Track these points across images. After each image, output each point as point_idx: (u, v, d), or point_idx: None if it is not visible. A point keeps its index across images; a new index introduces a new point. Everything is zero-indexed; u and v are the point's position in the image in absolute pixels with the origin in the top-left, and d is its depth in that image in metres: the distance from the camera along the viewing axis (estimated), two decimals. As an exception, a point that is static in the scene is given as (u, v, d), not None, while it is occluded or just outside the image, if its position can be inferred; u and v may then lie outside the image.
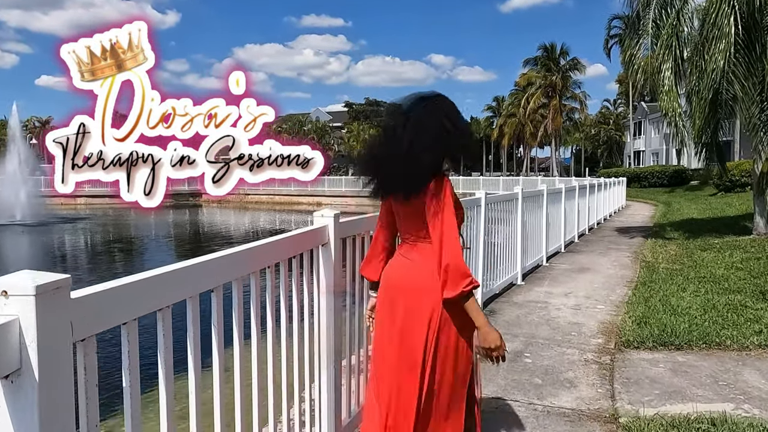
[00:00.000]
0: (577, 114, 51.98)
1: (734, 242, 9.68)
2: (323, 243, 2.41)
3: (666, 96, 10.09)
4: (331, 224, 2.41)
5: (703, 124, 9.54)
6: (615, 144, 56.89)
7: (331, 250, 2.43)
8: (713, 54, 8.85)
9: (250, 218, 33.19)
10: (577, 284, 7.04)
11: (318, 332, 2.42)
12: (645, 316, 5.17)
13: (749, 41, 8.73)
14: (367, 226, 2.80)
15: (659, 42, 10.25)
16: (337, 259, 2.47)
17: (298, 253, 2.22)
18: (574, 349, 4.50)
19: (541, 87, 48.32)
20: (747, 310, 5.24)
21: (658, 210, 20.33)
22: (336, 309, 2.50)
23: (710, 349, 4.34)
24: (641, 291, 6.42)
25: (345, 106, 67.98)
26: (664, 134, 44.45)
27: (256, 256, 1.90)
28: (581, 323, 5.25)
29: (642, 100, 50.81)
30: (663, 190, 30.95)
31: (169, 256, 17.67)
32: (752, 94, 8.84)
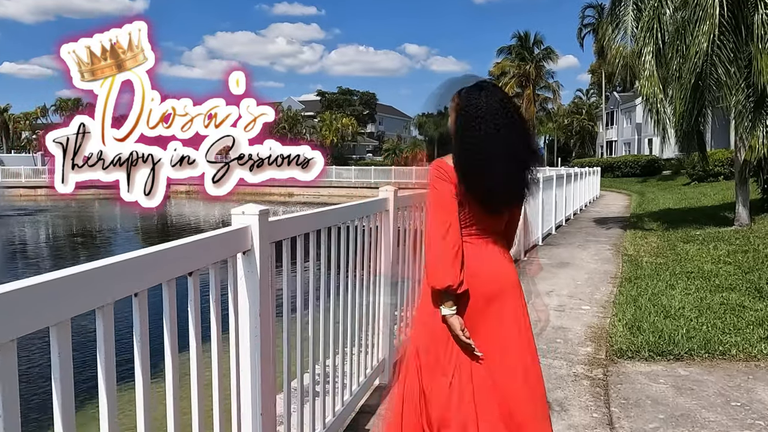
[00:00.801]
0: (550, 104, 51.88)
1: (716, 234, 9.31)
2: (245, 250, 1.82)
3: (647, 81, 9.63)
4: (255, 224, 1.84)
5: (684, 110, 9.11)
6: (587, 134, 57.06)
7: (255, 259, 1.83)
8: (696, 36, 8.39)
9: (220, 210, 32.19)
10: (558, 281, 6.52)
11: (237, 373, 1.82)
12: (636, 320, 4.65)
13: (735, 22, 8.29)
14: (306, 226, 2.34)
15: (640, 25, 9.78)
16: (264, 271, 1.86)
17: (204, 266, 1.64)
18: (561, 360, 3.95)
19: (515, 76, 48.00)
20: (746, 311, 4.77)
21: (633, 200, 20.11)
22: (264, 336, 1.88)
23: (714, 359, 3.83)
24: (627, 289, 5.93)
25: (317, 95, 66.82)
26: (636, 124, 44.67)
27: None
28: (567, 327, 4.71)
29: (614, 90, 50.99)
30: (636, 179, 30.94)
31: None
32: (737, 78, 8.43)
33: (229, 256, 1.76)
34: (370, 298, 3.29)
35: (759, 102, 8.79)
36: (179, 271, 1.49)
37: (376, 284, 3.34)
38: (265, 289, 1.88)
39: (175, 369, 1.46)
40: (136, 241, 19.72)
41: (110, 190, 1.94)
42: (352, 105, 63.43)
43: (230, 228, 1.78)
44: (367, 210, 3.12)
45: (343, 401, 2.84)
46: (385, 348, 3.52)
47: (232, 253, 1.77)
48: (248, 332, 1.83)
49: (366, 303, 3.20)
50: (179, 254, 1.49)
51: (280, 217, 2.08)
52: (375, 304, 3.39)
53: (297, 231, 2.20)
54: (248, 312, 1.82)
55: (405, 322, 3.98)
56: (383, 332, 3.49)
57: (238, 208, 1.85)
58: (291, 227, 2.15)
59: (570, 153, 59.63)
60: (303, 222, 2.28)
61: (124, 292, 1.26)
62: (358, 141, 59.12)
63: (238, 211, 1.84)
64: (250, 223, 1.82)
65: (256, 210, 1.84)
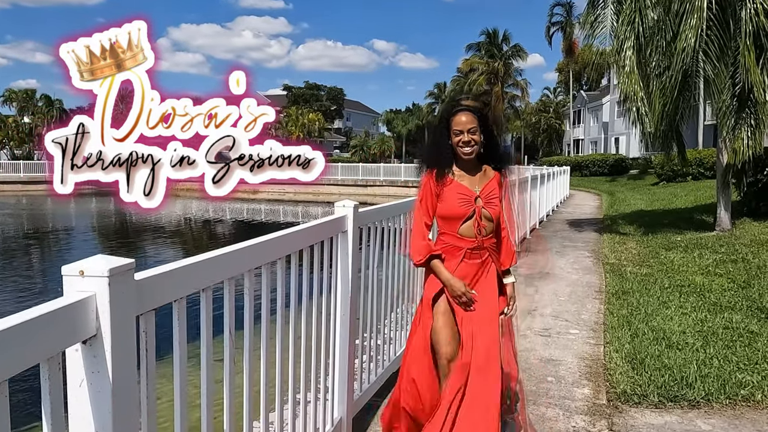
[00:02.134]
0: (518, 102, 51.76)
1: (698, 240, 8.85)
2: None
3: (627, 78, 9.10)
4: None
5: (666, 108, 8.61)
6: (555, 132, 57.23)
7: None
8: (683, 30, 7.87)
9: (182, 208, 30.83)
10: (540, 297, 5.89)
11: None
12: (636, 351, 4.02)
13: (722, 16, 7.80)
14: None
15: (621, 19, 9.24)
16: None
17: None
18: (556, 408, 3.28)
19: (483, 73, 47.65)
20: (758, 339, 4.19)
21: (604, 200, 19.83)
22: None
23: (736, 407, 3.21)
24: (617, 307, 5.33)
25: (284, 89, 65.46)
26: (603, 123, 44.94)
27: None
28: (557, 360, 4.05)
29: (581, 89, 51.25)
30: (604, 178, 30.86)
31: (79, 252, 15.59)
32: (724, 76, 7.94)
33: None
34: (324, 341, 2.56)
35: (743, 102, 8.36)
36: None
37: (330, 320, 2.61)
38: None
39: None
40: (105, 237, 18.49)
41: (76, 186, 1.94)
42: (320, 100, 62.36)
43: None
44: (318, 235, 2.38)
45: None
46: (341, 403, 2.78)
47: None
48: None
49: (315, 353, 2.46)
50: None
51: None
52: (330, 352, 2.65)
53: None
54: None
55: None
56: (339, 384, 2.75)
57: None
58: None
59: (537, 151, 59.84)
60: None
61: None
62: (325, 137, 58.04)
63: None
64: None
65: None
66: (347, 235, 2.67)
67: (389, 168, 36.56)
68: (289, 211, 28.51)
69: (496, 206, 2.50)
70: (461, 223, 2.48)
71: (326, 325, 2.57)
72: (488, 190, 2.50)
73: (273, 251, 1.93)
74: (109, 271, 1.09)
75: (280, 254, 1.99)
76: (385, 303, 3.45)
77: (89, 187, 8.07)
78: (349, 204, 2.68)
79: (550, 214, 14.66)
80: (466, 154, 2.45)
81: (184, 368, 1.42)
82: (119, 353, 1.11)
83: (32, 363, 0.97)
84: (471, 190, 2.48)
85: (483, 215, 2.48)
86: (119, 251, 16.20)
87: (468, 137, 2.42)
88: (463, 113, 2.44)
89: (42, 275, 12.14)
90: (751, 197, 10.17)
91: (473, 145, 2.44)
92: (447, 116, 2.49)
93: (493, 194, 2.50)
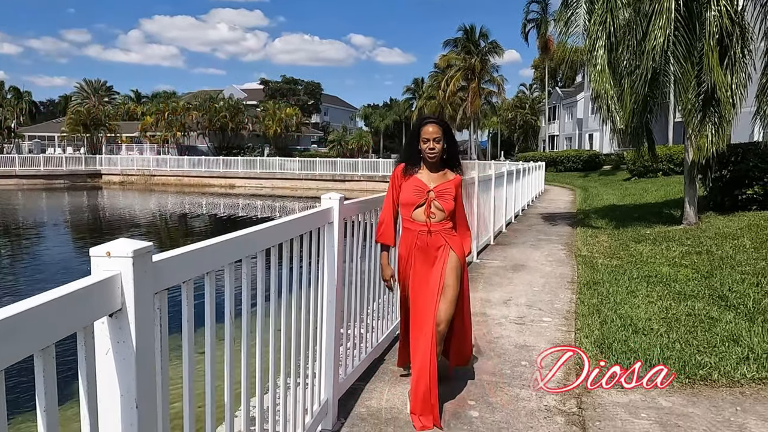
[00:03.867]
0: (495, 98, 52.21)
1: (666, 233, 9.20)
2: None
3: (599, 76, 9.38)
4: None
5: (636, 106, 8.92)
6: (530, 128, 57.92)
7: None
8: (653, 30, 8.16)
9: (157, 202, 30.48)
10: (515, 287, 6.11)
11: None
12: (604, 337, 4.26)
13: (689, 17, 8.11)
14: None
15: (593, 18, 9.52)
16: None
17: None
18: (529, 390, 3.48)
19: (461, 69, 47.96)
20: (717, 324, 4.46)
21: (578, 195, 20.25)
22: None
23: (695, 386, 3.45)
24: (588, 296, 5.58)
25: (261, 83, 64.92)
26: (577, 119, 45.64)
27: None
28: (530, 346, 4.26)
29: (557, 86, 51.93)
30: (578, 174, 31.45)
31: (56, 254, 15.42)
32: (690, 75, 8.26)
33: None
34: (312, 326, 2.70)
35: (707, 100, 8.70)
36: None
37: (318, 309, 2.75)
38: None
39: None
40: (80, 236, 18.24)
41: (32, 180, 1.68)
42: (297, 95, 62.03)
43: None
44: (307, 225, 2.52)
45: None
46: (328, 386, 2.93)
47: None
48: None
49: (304, 336, 2.61)
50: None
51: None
52: (317, 336, 2.80)
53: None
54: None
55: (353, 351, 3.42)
56: (326, 368, 2.91)
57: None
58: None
59: (513, 147, 60.50)
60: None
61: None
62: (302, 131, 57.79)
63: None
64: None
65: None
66: (333, 226, 2.83)
67: (367, 163, 36.62)
68: (266, 206, 28.40)
69: (448, 201, 3.09)
70: (413, 209, 3.11)
71: (315, 312, 2.72)
72: (443, 187, 3.11)
73: (268, 239, 2.06)
74: (133, 252, 1.23)
75: (273, 242, 2.12)
76: (367, 294, 3.63)
77: (62, 182, 8.11)
78: (335, 196, 2.84)
79: (526, 208, 14.98)
80: (431, 157, 3.09)
81: (191, 344, 1.56)
82: (141, 325, 1.25)
83: (71, 331, 1.10)
84: (426, 184, 3.10)
85: (434, 205, 3.08)
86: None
87: (433, 144, 3.05)
88: (431, 125, 3.07)
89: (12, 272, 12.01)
90: (717, 192, 10.58)
91: (436, 151, 3.06)
92: (419, 126, 3.12)
93: (447, 191, 3.10)
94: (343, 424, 2.99)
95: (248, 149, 49.63)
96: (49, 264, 12.46)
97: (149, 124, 48.87)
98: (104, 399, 1.21)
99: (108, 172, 42.01)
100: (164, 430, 1.43)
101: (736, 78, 8.71)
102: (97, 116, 48.31)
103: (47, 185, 37.56)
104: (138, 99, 75.17)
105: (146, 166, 41.80)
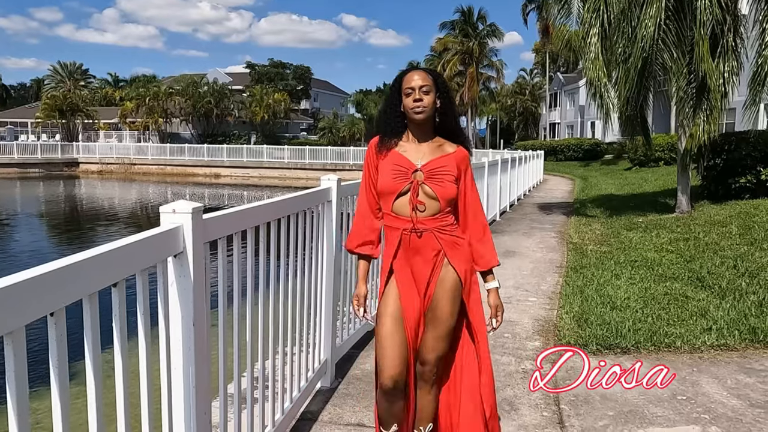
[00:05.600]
0: (493, 83, 52.81)
1: (658, 221, 9.81)
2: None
3: (592, 64, 9.95)
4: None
5: (631, 94, 9.49)
6: (531, 115, 58.63)
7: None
8: (644, 20, 8.72)
9: (138, 193, 30.91)
10: (504, 271, 6.67)
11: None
12: (583, 312, 4.83)
13: (680, 7, 8.67)
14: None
15: (586, 6, 10.06)
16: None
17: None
18: (509, 356, 4.05)
19: (458, 53, 48.49)
20: (689, 302, 5.05)
21: (577, 185, 20.88)
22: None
23: (660, 352, 4.03)
24: (573, 279, 6.15)
25: (247, 67, 65.10)
26: (579, 106, 46.22)
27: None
28: (514, 321, 4.83)
29: (558, 71, 52.49)
30: (579, 163, 32.12)
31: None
32: (681, 64, 8.83)
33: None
34: (312, 293, 3.24)
35: (700, 89, 9.28)
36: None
37: (317, 278, 3.30)
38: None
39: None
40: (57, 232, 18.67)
41: (5, 168, 1.90)
42: (285, 79, 62.25)
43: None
44: (310, 202, 3.07)
45: (283, 409, 2.79)
46: (327, 348, 3.48)
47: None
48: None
49: (307, 298, 3.15)
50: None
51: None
52: (317, 300, 3.34)
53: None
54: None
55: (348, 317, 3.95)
56: (325, 331, 3.45)
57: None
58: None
59: (513, 135, 61.10)
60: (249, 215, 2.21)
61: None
62: (291, 118, 58.19)
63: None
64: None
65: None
66: (332, 205, 3.37)
67: (359, 152, 37.05)
68: (253, 197, 28.84)
69: (444, 184, 2.27)
70: (394, 199, 2.28)
71: (315, 280, 3.26)
72: (437, 164, 2.29)
73: (281, 209, 2.61)
74: (192, 209, 1.76)
75: (283, 214, 2.67)
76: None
77: (37, 170, 8.71)
78: (333, 178, 3.38)
79: (522, 198, 15.57)
80: (417, 114, 2.25)
81: (224, 295, 2.09)
82: (196, 265, 1.79)
83: (152, 263, 1.63)
84: (410, 161, 2.28)
85: (422, 191, 2.26)
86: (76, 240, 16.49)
87: (419, 95, 2.23)
88: (416, 72, 2.29)
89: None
90: (711, 181, 11.20)
91: (425, 105, 2.24)
92: (399, 78, 2.32)
93: (443, 170, 2.28)
94: (340, 383, 3.55)
95: (234, 137, 49.98)
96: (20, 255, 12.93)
97: (129, 110, 49.03)
98: (172, 319, 1.75)
99: (86, 160, 42.26)
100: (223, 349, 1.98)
101: (728, 66, 9.31)
102: (73, 101, 48.41)
103: (21, 174, 37.80)
104: (116, 83, 75.24)
105: (126, 155, 42.08)
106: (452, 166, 2.31)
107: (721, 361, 3.87)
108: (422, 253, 2.28)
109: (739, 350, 4.03)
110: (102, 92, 65.52)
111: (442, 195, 2.26)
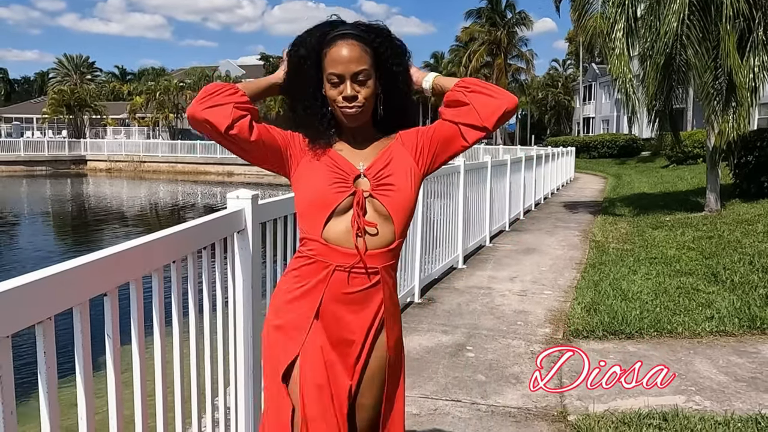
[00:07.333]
0: (523, 75, 53.33)
1: (686, 219, 10.32)
2: (239, 230, 2.44)
3: (617, 60, 10.50)
4: (248, 207, 2.46)
5: (655, 90, 10.03)
6: (563, 109, 58.94)
7: (249, 237, 2.47)
8: (667, 15, 9.26)
9: (148, 192, 31.97)
10: (523, 267, 7.30)
11: (234, 326, 2.45)
12: (594, 303, 5.44)
13: (704, 2, 9.20)
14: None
15: (611, 1, 10.61)
16: (255, 247, 2.52)
17: (209, 243, 2.25)
18: (520, 340, 4.68)
19: (485, 43, 49.06)
20: (699, 294, 5.62)
21: (609, 183, 21.34)
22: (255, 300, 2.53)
23: (662, 337, 4.63)
24: (590, 274, 6.74)
25: (261, 58, 66.20)
26: (615, 100, 46.36)
27: (160, 249, 1.91)
28: (528, 311, 5.46)
29: (593, 62, 52.66)
30: (613, 161, 32.47)
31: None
32: (705, 60, 9.36)
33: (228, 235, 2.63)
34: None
35: (730, 85, 9.78)
36: (193, 247, 2.17)
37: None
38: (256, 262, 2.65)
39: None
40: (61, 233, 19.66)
41: (11, 167, 2.12)
42: (301, 72, 63.07)
43: (227, 211, 2.64)
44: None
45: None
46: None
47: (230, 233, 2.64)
48: (242, 296, 2.44)
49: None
50: (197, 232, 2.24)
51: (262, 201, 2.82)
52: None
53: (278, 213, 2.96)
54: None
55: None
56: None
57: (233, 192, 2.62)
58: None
59: (545, 130, 61.39)
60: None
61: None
62: (307, 113, 58.92)
63: (233, 196, 2.51)
64: (244, 206, 2.43)
65: (249, 194, 2.57)
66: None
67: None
68: (268, 194, 29.58)
69: (394, 191, 1.68)
70: (327, 219, 1.66)
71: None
72: (382, 163, 1.72)
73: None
74: (251, 196, 2.44)
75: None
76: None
77: (44, 168, 9.65)
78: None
79: (549, 196, 16.13)
80: (348, 116, 1.66)
81: (270, 265, 2.78)
82: (255, 239, 2.47)
83: (224, 236, 2.32)
84: (350, 163, 1.71)
85: (371, 207, 1.67)
86: (83, 244, 17.41)
87: (352, 90, 1.63)
88: (345, 43, 1.64)
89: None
90: (743, 179, 11.66)
91: (360, 105, 1.65)
92: (317, 45, 1.68)
93: (392, 170, 1.71)
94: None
95: (247, 133, 50.88)
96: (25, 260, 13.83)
97: (139, 105, 50.37)
98: (237, 283, 2.43)
99: (94, 158, 43.58)
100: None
101: (758, 61, 9.79)
102: (81, 96, 49.92)
103: (28, 172, 39.18)
104: (123, 76, 77.16)
105: (135, 152, 43.25)
106: (402, 156, 1.74)
107: (717, 345, 4.46)
108: (361, 308, 1.68)
109: (737, 336, 4.62)
110: (109, 86, 67.24)
111: (395, 208, 1.68)
